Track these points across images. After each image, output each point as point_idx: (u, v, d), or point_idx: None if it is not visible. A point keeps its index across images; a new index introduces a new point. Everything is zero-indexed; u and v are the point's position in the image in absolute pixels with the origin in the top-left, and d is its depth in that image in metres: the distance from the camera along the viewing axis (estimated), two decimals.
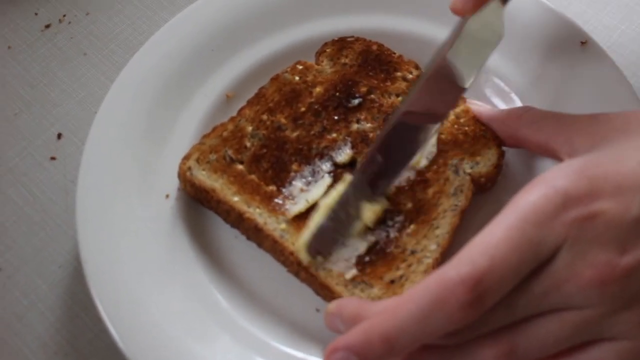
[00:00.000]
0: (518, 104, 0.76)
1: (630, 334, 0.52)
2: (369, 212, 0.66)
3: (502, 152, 0.71)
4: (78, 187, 0.68)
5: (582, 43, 0.76)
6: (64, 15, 0.88)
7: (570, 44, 0.76)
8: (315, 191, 0.68)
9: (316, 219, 0.66)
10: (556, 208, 0.52)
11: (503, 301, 0.52)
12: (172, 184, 0.70)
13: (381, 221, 0.67)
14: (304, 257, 0.65)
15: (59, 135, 0.79)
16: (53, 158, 0.78)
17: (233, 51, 0.78)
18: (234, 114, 0.74)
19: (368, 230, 0.66)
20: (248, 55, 0.78)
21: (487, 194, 0.72)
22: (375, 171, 0.67)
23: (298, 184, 0.69)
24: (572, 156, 0.59)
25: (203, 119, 0.75)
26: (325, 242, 0.65)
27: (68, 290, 0.71)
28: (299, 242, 0.65)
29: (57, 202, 0.75)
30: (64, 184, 0.76)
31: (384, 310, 0.53)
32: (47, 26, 0.87)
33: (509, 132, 0.70)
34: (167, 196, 0.70)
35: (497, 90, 0.77)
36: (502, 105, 0.76)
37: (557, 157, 0.63)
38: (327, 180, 0.69)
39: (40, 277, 0.71)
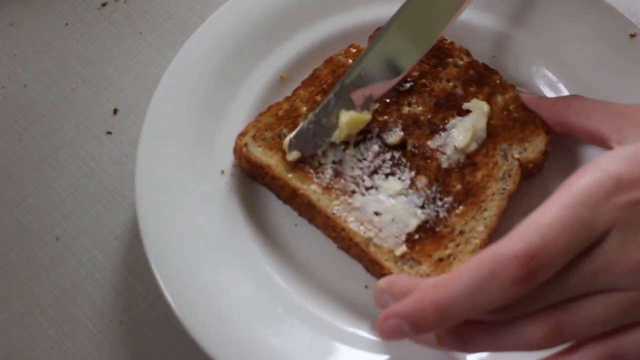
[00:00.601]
0: (566, 94, 0.76)
1: None
2: (346, 117, 0.70)
3: (550, 139, 0.72)
4: (137, 161, 0.70)
5: (632, 36, 0.77)
6: None
7: (620, 36, 0.77)
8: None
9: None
10: (608, 191, 0.53)
11: (553, 279, 0.53)
12: (227, 161, 0.72)
13: (431, 201, 0.69)
14: (286, 149, 0.70)
15: (115, 111, 0.81)
16: (109, 132, 0.80)
17: (288, 34, 0.79)
18: (288, 94, 0.76)
19: (417, 207, 0.68)
20: (302, 38, 0.80)
21: (534, 179, 0.73)
22: (357, 84, 0.72)
23: (349, 163, 0.70)
24: (622, 144, 0.61)
25: (258, 99, 0.76)
26: (307, 143, 0.71)
27: (123, 261, 0.73)
28: (285, 139, 0.70)
29: (113, 175, 0.78)
30: (119, 158, 0.79)
31: (437, 282, 0.54)
32: (104, 4, 0.89)
33: (558, 119, 0.71)
34: (222, 172, 0.72)
35: (546, 80, 0.78)
36: (551, 95, 0.77)
37: (606, 145, 0.64)
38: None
39: (96, 247, 0.74)
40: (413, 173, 0.70)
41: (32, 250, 0.74)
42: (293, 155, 0.70)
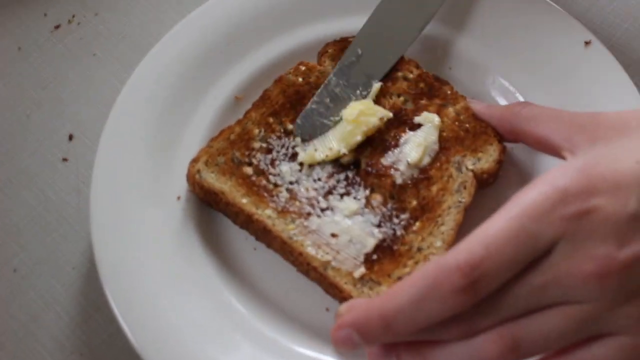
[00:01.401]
0: None
1: (631, 329, 0.53)
2: (350, 108, 0.73)
3: (504, 148, 0.72)
4: (91, 189, 0.69)
5: (586, 43, 0.77)
6: (73, 16, 0.88)
7: (574, 44, 0.77)
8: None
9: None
10: (554, 204, 0.53)
11: (504, 291, 0.53)
12: (183, 186, 0.71)
13: (387, 219, 0.68)
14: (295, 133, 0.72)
15: (70, 137, 0.80)
16: (65, 159, 0.79)
17: (242, 53, 0.79)
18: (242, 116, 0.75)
19: (373, 226, 0.68)
20: (256, 57, 0.79)
21: (489, 189, 0.73)
22: (355, 63, 0.74)
23: (305, 184, 0.70)
24: (573, 153, 0.61)
25: (213, 120, 0.76)
26: (313, 124, 0.73)
27: (82, 292, 0.72)
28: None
29: (70, 202, 0.77)
30: (76, 185, 0.78)
31: (385, 293, 0.55)
32: (57, 27, 0.88)
33: (508, 128, 0.71)
34: (179, 198, 0.71)
35: (502, 90, 0.78)
36: (506, 102, 0.77)
37: (557, 154, 0.64)
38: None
39: (54, 278, 0.73)
40: (368, 191, 0.70)
41: None
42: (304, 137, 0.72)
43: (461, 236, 0.64)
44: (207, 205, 0.72)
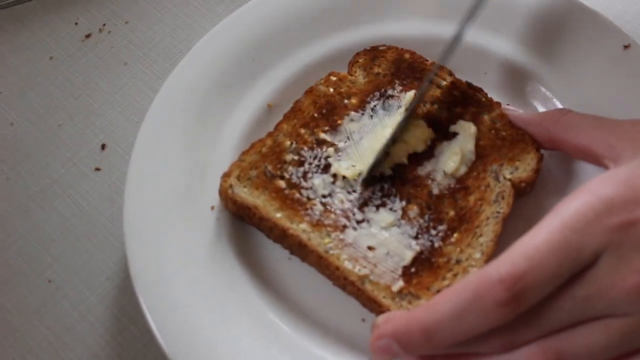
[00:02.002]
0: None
1: None
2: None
3: (541, 156, 0.71)
4: (125, 200, 0.69)
5: (625, 47, 0.76)
6: (104, 25, 0.89)
7: (613, 48, 0.76)
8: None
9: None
10: (598, 214, 0.52)
11: (546, 304, 0.53)
12: (217, 195, 0.71)
13: (424, 231, 0.67)
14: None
15: (103, 146, 0.80)
16: (98, 169, 0.79)
17: (273, 61, 0.78)
18: (276, 122, 0.74)
19: (410, 237, 0.67)
20: (287, 64, 0.78)
21: (527, 197, 0.71)
22: None
23: (339, 196, 0.69)
24: (616, 162, 0.59)
25: (246, 128, 0.75)
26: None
27: (116, 302, 0.72)
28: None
29: (103, 213, 0.76)
30: (109, 195, 0.77)
31: (427, 304, 0.55)
32: (88, 36, 0.88)
33: (547, 136, 0.69)
34: (212, 208, 0.70)
35: (539, 96, 0.77)
36: (544, 109, 0.76)
37: (598, 162, 0.63)
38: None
39: (88, 289, 0.73)
40: (404, 202, 0.69)
41: (23, 294, 0.72)
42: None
43: (500, 247, 0.65)
44: (240, 220, 0.71)
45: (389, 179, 0.70)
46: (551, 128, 0.69)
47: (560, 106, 0.75)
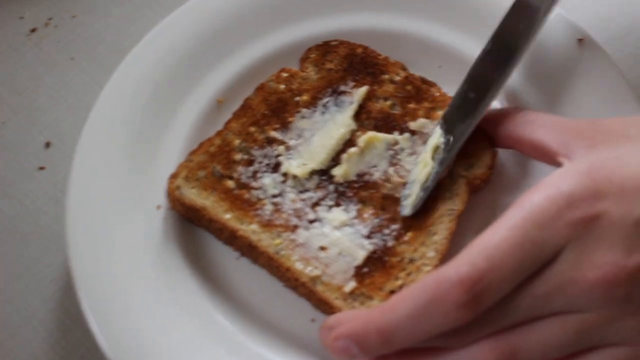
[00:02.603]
0: (516, 103, 0.74)
1: (632, 342, 0.52)
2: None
3: (495, 152, 0.70)
4: (67, 199, 0.67)
5: (580, 40, 0.75)
6: (50, 19, 0.86)
7: (568, 41, 0.75)
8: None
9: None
10: (560, 209, 0.52)
11: (505, 301, 0.52)
12: (163, 194, 0.69)
13: (377, 230, 0.66)
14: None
15: (47, 144, 0.78)
16: (42, 167, 0.77)
17: (223, 55, 0.76)
18: (227, 118, 0.72)
19: (363, 237, 0.65)
20: (238, 58, 0.77)
21: (481, 194, 0.70)
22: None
23: (290, 196, 0.68)
24: (570, 159, 0.59)
25: (195, 124, 0.73)
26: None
27: (61, 305, 0.70)
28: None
29: (48, 213, 0.74)
30: (54, 194, 0.75)
31: (384, 306, 0.54)
32: (33, 30, 0.85)
33: (502, 133, 0.68)
34: (159, 207, 0.69)
35: None
36: (499, 106, 0.75)
37: (552, 160, 0.62)
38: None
39: (32, 291, 0.70)
40: (357, 201, 0.67)
41: None
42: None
43: (454, 245, 0.64)
44: (189, 221, 0.69)
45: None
46: (506, 125, 0.68)
47: (515, 100, 0.74)
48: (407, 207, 0.67)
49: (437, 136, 0.69)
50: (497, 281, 0.51)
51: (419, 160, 0.69)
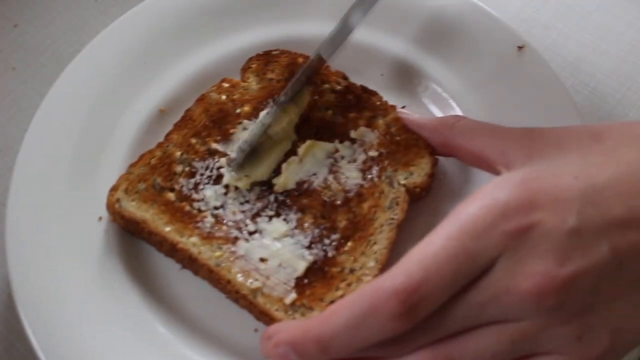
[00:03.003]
0: (457, 110, 0.75)
1: (566, 350, 0.52)
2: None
3: (436, 160, 0.70)
4: (7, 211, 0.66)
5: (519, 48, 0.76)
6: None
7: (507, 48, 0.76)
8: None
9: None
10: (494, 219, 0.52)
11: (442, 311, 0.52)
12: (105, 205, 0.68)
13: (318, 240, 0.66)
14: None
15: None
16: None
17: (165, 64, 0.76)
18: (168, 129, 0.72)
19: (304, 248, 0.66)
20: (181, 67, 0.77)
21: (422, 202, 0.71)
22: None
23: (231, 208, 0.68)
24: (508, 167, 0.59)
25: (137, 134, 0.73)
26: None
27: (2, 319, 0.69)
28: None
29: None
30: None
31: (322, 315, 0.54)
32: None
33: (441, 141, 0.69)
34: (100, 218, 0.68)
35: (435, 97, 0.77)
36: (440, 113, 0.76)
37: (491, 168, 0.62)
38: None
39: None
40: (297, 210, 0.68)
41: None
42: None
43: (395, 254, 0.65)
44: (130, 234, 0.68)
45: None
46: (446, 133, 0.68)
47: (456, 107, 0.75)
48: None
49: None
50: (433, 291, 0.51)
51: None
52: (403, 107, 0.73)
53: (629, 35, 0.87)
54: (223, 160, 0.70)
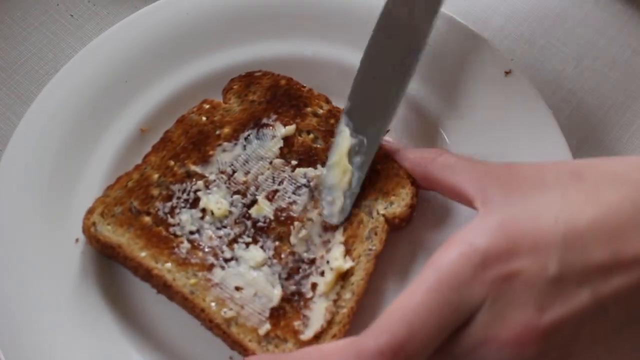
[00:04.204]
0: (443, 136, 0.74)
1: None
2: None
3: (416, 190, 0.69)
4: None
5: (506, 73, 0.75)
6: None
7: (495, 73, 0.75)
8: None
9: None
10: (475, 268, 0.51)
11: None
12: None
13: (295, 269, 0.65)
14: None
15: None
16: None
17: (148, 82, 0.75)
18: (149, 149, 0.71)
19: (280, 277, 0.65)
20: (161, 87, 0.75)
21: (401, 232, 0.70)
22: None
23: (208, 233, 0.67)
24: (485, 205, 0.58)
25: (117, 154, 0.72)
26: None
27: None
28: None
29: None
30: None
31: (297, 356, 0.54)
32: None
33: (422, 174, 0.68)
34: (77, 240, 0.67)
35: (422, 124, 0.75)
36: (428, 139, 0.75)
37: (469, 204, 0.62)
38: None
39: None
40: (275, 239, 0.66)
41: None
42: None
43: (372, 285, 0.64)
44: (106, 258, 0.67)
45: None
46: (427, 166, 0.68)
47: (443, 134, 0.74)
48: (334, 216, 0.67)
49: (346, 136, 0.69)
50: (418, 348, 0.51)
51: (331, 162, 0.69)
52: (387, 132, 0.72)
53: (612, 51, 0.86)
54: (200, 183, 0.69)
